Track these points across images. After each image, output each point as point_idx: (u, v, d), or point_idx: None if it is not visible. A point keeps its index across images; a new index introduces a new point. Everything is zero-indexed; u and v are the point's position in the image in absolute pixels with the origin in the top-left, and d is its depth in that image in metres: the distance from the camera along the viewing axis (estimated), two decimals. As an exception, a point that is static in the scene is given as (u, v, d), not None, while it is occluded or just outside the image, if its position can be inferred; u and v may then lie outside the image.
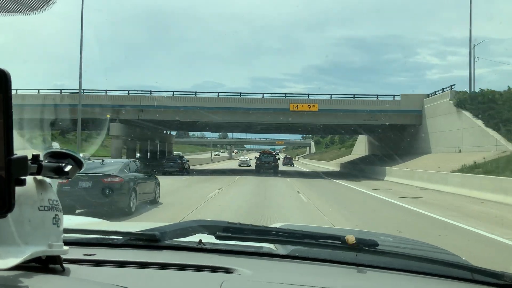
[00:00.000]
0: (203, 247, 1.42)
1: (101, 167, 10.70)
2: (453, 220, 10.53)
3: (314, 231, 1.52)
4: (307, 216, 11.21)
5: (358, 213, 12.33)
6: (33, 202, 0.94)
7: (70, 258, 1.11)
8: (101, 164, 10.94)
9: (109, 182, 10.03)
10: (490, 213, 12.19)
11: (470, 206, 13.75)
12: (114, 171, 10.46)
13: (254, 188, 19.88)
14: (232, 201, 14.30)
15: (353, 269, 1.32)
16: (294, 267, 1.33)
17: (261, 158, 37.13)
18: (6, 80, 0.74)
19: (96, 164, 10.99)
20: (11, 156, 0.74)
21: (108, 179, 10.08)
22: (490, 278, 1.27)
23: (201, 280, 1.15)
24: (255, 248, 1.45)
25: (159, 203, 12.65)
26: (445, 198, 16.37)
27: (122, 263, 1.22)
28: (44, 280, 0.96)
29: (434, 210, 12.43)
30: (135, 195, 10.77)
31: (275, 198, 15.51)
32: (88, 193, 9.84)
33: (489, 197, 15.13)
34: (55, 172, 0.93)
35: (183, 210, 11.40)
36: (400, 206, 13.80)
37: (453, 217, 10.99)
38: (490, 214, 11.88)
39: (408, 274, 1.31)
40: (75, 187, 9.78)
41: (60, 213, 1.03)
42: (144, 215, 10.62)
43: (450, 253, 1.66)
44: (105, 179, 10.06)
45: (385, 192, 18.66)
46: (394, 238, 1.92)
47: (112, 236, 1.49)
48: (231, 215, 10.31)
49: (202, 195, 15.59)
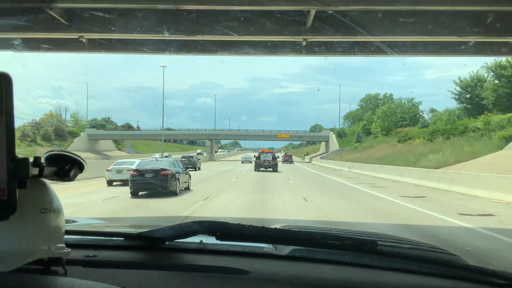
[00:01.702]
0: (204, 248, 1.43)
1: (156, 164, 15.98)
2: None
3: (315, 231, 1.54)
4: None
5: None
6: (35, 204, 0.93)
7: (72, 259, 1.10)
8: (156, 161, 16.19)
9: (164, 174, 15.21)
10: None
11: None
12: (166, 166, 15.70)
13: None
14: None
15: (353, 270, 1.31)
16: (294, 268, 1.31)
17: (260, 156, 37.23)
18: (8, 83, 0.75)
19: (153, 162, 16.30)
20: (13, 159, 0.75)
21: (163, 171, 15.25)
22: (489, 278, 1.25)
23: (202, 281, 1.15)
24: (255, 249, 1.45)
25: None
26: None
27: (123, 265, 1.24)
28: (47, 282, 0.97)
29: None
30: (178, 182, 15.91)
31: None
32: (151, 181, 15.04)
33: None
34: (57, 175, 0.95)
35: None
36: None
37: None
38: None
39: (408, 274, 1.30)
40: (142, 177, 15.00)
41: (62, 215, 1.01)
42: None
43: (450, 253, 1.64)
44: (161, 172, 15.24)
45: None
46: (394, 238, 1.90)
47: (113, 238, 1.49)
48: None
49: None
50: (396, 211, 12.54)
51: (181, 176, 16.47)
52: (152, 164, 16.20)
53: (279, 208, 12.77)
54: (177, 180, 15.73)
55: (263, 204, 13.62)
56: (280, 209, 12.49)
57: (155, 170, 15.23)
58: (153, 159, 16.80)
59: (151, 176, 15.05)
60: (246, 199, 14.96)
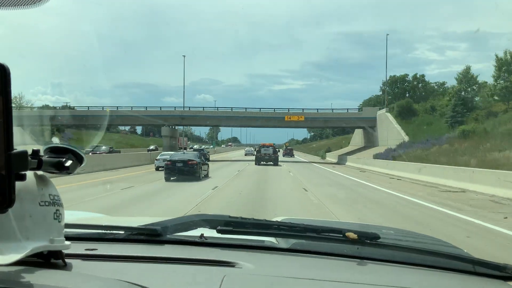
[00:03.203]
0: (205, 241, 1.42)
1: (183, 155, 20.47)
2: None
3: (316, 224, 1.52)
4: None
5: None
6: (33, 197, 0.92)
7: (72, 253, 1.10)
8: (183, 153, 20.73)
9: (191, 163, 19.60)
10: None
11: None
12: (192, 157, 20.20)
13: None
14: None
15: (355, 262, 1.31)
16: (296, 261, 1.32)
17: (260, 150, 37.29)
18: (6, 75, 0.73)
19: (181, 153, 21.08)
20: (11, 151, 0.74)
21: (190, 161, 19.65)
22: (492, 270, 1.25)
23: (203, 274, 1.15)
24: (256, 242, 1.45)
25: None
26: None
27: (124, 258, 1.23)
28: (46, 275, 0.96)
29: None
30: (201, 170, 20.28)
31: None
32: (181, 168, 19.42)
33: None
34: (56, 167, 0.94)
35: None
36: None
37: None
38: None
39: (410, 266, 1.31)
40: (174, 165, 19.39)
41: (61, 208, 1.01)
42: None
43: (452, 246, 1.64)
44: (189, 161, 19.64)
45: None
46: (396, 231, 1.91)
47: (113, 231, 1.49)
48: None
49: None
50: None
51: (203, 165, 20.93)
52: (181, 155, 20.77)
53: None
54: (200, 168, 20.14)
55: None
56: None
57: (184, 160, 19.69)
58: (181, 152, 21.69)
59: (181, 165, 19.48)
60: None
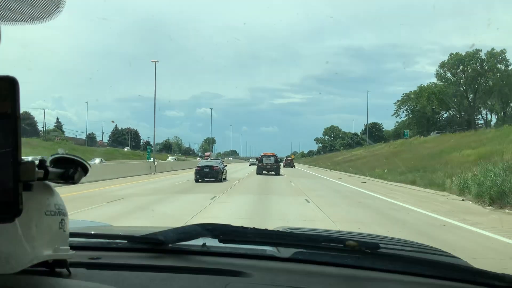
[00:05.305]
0: (207, 250, 1.44)
1: (209, 163, 26.29)
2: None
3: (317, 234, 1.55)
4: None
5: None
6: (40, 207, 0.94)
7: (76, 261, 1.12)
8: (208, 161, 26.62)
9: (215, 169, 25.08)
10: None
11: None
12: (216, 164, 25.81)
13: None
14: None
15: (355, 272, 1.32)
16: (297, 270, 1.32)
17: (262, 159, 36.89)
18: (14, 87, 0.76)
19: (207, 161, 26.82)
20: (19, 162, 0.76)
21: (215, 167, 25.17)
22: (491, 280, 1.26)
23: (205, 283, 1.16)
24: (258, 251, 1.46)
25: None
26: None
27: (127, 267, 1.25)
28: (51, 283, 0.99)
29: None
30: (223, 174, 25.86)
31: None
32: (208, 173, 24.87)
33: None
34: (62, 178, 0.95)
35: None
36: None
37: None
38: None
39: (410, 276, 1.32)
40: (202, 170, 24.90)
41: (66, 218, 1.03)
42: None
43: (451, 255, 1.66)
44: (214, 167, 25.14)
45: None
46: (396, 240, 1.91)
47: (116, 240, 1.51)
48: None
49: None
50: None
51: (224, 170, 26.65)
52: (207, 163, 26.47)
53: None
54: (222, 173, 25.81)
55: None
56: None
57: (210, 166, 25.21)
58: (207, 160, 27.96)
59: (208, 170, 24.96)
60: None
